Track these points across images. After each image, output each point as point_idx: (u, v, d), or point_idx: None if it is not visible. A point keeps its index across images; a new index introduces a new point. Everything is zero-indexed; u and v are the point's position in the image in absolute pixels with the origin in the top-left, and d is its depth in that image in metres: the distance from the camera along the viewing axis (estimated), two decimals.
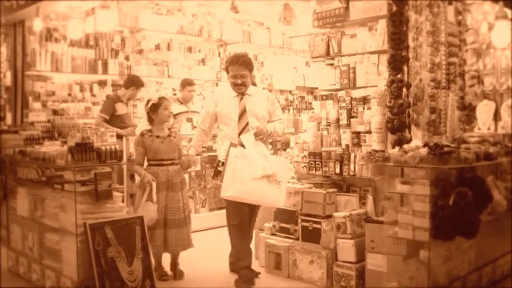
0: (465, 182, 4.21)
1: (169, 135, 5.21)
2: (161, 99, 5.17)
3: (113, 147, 4.67)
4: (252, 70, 5.28)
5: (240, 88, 5.16)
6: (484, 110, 7.93)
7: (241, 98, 5.20)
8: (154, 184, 4.96)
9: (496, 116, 8.12)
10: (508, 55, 7.89)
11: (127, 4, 8.14)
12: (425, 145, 4.28)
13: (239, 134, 5.06)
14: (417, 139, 4.81)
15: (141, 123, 5.33)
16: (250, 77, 5.22)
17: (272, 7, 9.35)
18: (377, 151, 4.40)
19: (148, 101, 5.15)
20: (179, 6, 9.01)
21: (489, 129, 7.99)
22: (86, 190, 4.53)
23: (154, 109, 5.12)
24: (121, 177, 6.79)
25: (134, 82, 7.44)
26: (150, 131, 5.15)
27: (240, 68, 5.12)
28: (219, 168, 4.91)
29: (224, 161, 4.86)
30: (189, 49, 9.51)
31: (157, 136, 5.13)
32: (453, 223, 4.06)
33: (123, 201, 4.92)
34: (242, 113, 5.14)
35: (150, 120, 5.17)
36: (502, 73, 7.99)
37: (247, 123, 5.09)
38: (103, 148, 4.62)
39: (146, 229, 4.77)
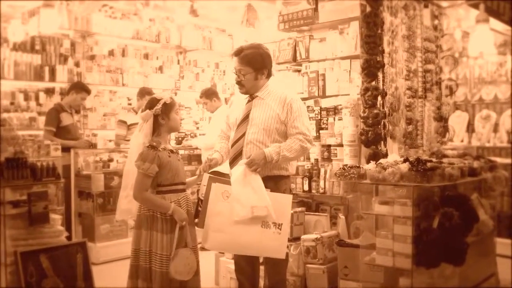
0: (450, 202, 3.78)
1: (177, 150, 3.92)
2: (173, 99, 3.80)
3: (50, 163, 4.10)
4: (260, 68, 3.98)
5: (239, 88, 4.08)
6: (457, 122, 7.63)
7: (249, 101, 4.10)
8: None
9: (469, 128, 7.84)
10: (482, 64, 7.61)
11: (77, 5, 7.52)
12: (406, 160, 3.83)
13: (232, 146, 4.04)
14: (394, 153, 4.36)
15: (138, 135, 3.75)
16: (257, 76, 3.99)
17: (234, 13, 8.87)
18: (351, 167, 3.92)
19: (156, 99, 3.71)
20: (135, 10, 8.45)
21: (462, 141, 7.68)
22: (18, 212, 3.97)
23: (165, 112, 3.69)
24: (65, 196, 6.17)
25: (72, 86, 6.86)
26: (159, 142, 3.69)
27: (238, 62, 4.01)
28: (199, 208, 3.84)
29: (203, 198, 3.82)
30: (146, 56, 8.95)
31: (171, 151, 3.75)
32: (438, 248, 3.61)
33: (62, 225, 4.29)
34: (243, 120, 4.02)
35: (156, 127, 3.71)
36: (475, 83, 7.71)
37: (244, 134, 3.97)
38: (39, 164, 4.04)
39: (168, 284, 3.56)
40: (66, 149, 6.30)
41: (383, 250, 3.73)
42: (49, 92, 7.70)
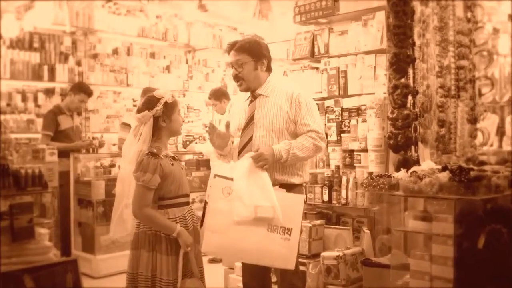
0: (497, 217, 3.24)
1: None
2: (175, 97, 3.29)
3: (36, 170, 3.60)
4: (259, 57, 3.56)
5: (238, 84, 3.62)
6: (486, 124, 7.07)
7: (252, 101, 3.64)
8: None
9: (498, 131, 7.28)
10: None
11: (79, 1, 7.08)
12: (444, 168, 3.29)
13: (239, 153, 3.57)
14: (428, 160, 3.83)
15: (133, 140, 3.25)
16: (256, 66, 3.56)
17: (246, 11, 8.43)
18: (380, 176, 3.40)
19: (155, 98, 3.21)
20: (140, 6, 8.00)
21: (491, 145, 7.12)
22: None
23: (167, 113, 3.21)
24: (64, 205, 5.76)
25: (71, 87, 6.45)
26: (160, 148, 3.19)
27: (234, 53, 3.56)
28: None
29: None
30: (152, 55, 8.47)
31: (173, 158, 3.26)
32: (485, 272, 3.10)
33: (50, 240, 3.80)
34: (248, 122, 3.59)
35: (156, 130, 3.22)
36: (505, 82, 7.15)
37: (251, 138, 3.54)
38: (23, 171, 3.55)
39: None
40: (65, 154, 5.89)
41: (418, 274, 3.22)
42: (49, 92, 7.25)
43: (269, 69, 3.67)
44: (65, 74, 7.15)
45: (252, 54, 3.55)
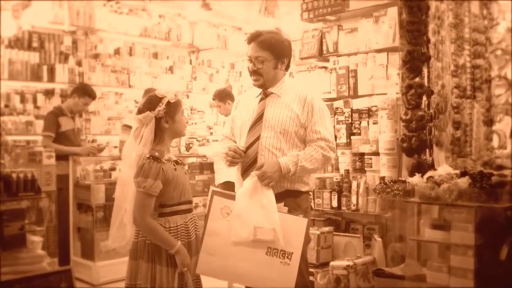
0: None
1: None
2: (178, 97, 3.10)
3: (29, 175, 3.42)
4: (281, 56, 3.39)
5: (255, 79, 3.43)
6: (500, 126, 6.85)
7: (262, 99, 3.47)
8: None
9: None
10: None
11: None
12: (464, 173, 3.08)
13: (245, 152, 3.39)
14: (445, 164, 3.62)
15: (134, 144, 3.04)
16: (277, 64, 3.39)
17: (251, 10, 8.25)
18: (395, 182, 3.19)
19: (157, 98, 3.02)
20: (143, 5, 7.83)
21: (505, 148, 6.90)
22: None
23: (170, 113, 3.02)
24: (63, 209, 5.58)
25: (75, 89, 6.28)
26: (162, 152, 3.01)
27: (256, 48, 3.36)
28: None
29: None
30: (155, 55, 8.29)
31: (176, 162, 3.06)
32: (507, 285, 2.94)
33: (43, 249, 3.61)
34: (256, 121, 3.39)
35: (158, 132, 3.02)
36: None
37: (258, 138, 3.33)
38: (15, 175, 3.36)
39: None
40: (63, 157, 5.71)
41: (436, 286, 3.02)
42: (48, 93, 7.06)
43: (287, 68, 3.53)
44: (65, 74, 6.96)
45: (275, 53, 3.37)
